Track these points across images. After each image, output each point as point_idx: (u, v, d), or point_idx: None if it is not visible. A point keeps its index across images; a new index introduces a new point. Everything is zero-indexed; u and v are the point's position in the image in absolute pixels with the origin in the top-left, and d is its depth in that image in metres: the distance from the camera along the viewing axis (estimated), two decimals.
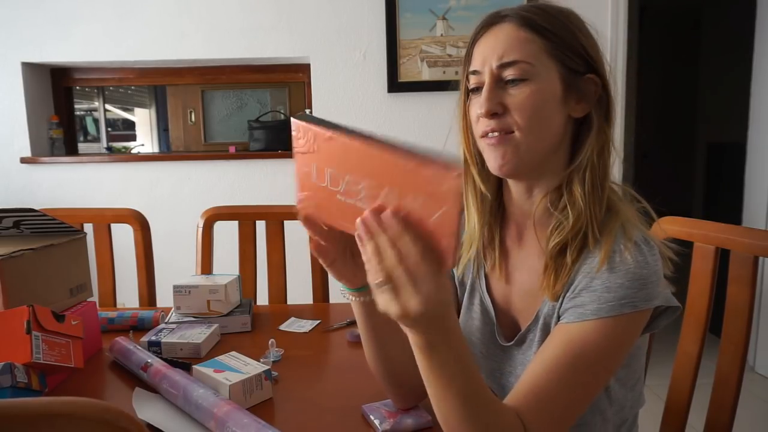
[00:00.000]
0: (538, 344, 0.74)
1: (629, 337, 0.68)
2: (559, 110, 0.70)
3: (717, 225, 0.98)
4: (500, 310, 0.81)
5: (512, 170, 0.72)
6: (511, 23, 0.70)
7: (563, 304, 0.70)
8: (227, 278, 1.18)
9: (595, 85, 0.71)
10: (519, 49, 0.69)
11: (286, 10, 2.52)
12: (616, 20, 2.46)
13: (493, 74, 0.70)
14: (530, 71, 0.68)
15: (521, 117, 0.69)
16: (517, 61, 0.68)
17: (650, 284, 0.66)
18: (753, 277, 0.91)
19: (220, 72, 2.79)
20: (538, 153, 0.71)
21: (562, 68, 0.69)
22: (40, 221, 1.00)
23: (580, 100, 0.71)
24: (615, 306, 0.65)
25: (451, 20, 2.49)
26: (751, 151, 2.59)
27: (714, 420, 0.93)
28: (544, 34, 0.69)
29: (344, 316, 1.22)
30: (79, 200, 2.62)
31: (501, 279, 0.81)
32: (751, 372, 2.52)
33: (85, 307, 1.03)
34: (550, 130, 0.71)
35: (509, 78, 0.69)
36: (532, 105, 0.68)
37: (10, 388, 0.73)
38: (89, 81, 2.86)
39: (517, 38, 0.69)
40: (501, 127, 0.70)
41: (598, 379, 0.67)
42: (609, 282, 0.66)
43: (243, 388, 0.80)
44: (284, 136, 2.70)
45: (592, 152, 0.70)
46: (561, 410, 0.65)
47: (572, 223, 0.70)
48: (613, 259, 0.67)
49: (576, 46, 0.70)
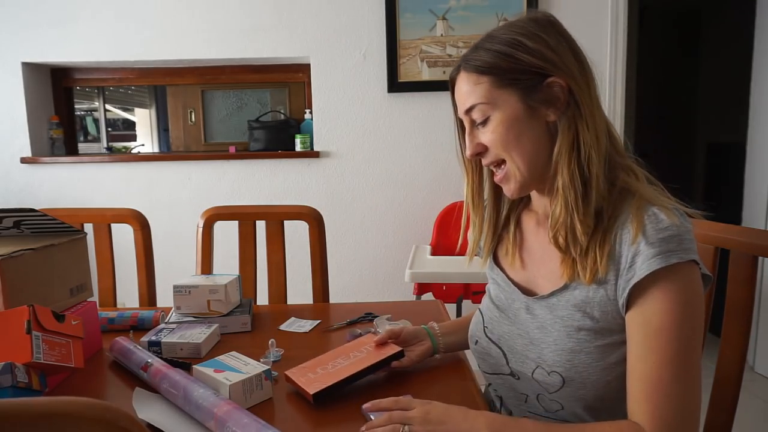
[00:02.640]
0: (571, 309, 0.75)
1: (694, 292, 0.69)
2: (532, 125, 0.75)
3: (717, 225, 0.98)
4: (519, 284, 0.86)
5: (521, 193, 0.81)
6: (464, 72, 0.79)
7: (618, 283, 0.71)
8: (227, 278, 1.18)
9: (559, 87, 0.74)
10: (473, 94, 0.77)
11: (286, 10, 2.52)
12: (616, 19, 2.46)
13: (466, 119, 0.80)
14: (488, 109, 0.76)
15: (501, 149, 0.77)
16: (475, 105, 0.77)
17: (687, 241, 0.68)
18: (752, 276, 0.91)
19: (220, 72, 2.79)
20: (535, 168, 0.77)
21: (517, 90, 0.75)
22: (40, 221, 1.00)
23: (549, 105, 0.75)
24: (662, 258, 0.67)
25: (451, 20, 2.49)
26: (751, 150, 2.59)
27: (713, 420, 0.93)
28: (488, 71, 0.75)
29: (344, 316, 1.22)
30: (79, 200, 2.62)
31: (516, 262, 0.88)
32: (750, 372, 2.52)
33: (86, 307, 1.03)
34: (531, 145, 0.76)
35: (476, 120, 0.78)
36: (501, 135, 0.76)
37: (10, 388, 0.73)
38: (89, 81, 2.86)
39: (468, 84, 0.78)
40: (492, 162, 0.80)
41: (692, 347, 0.68)
42: (651, 240, 0.68)
43: (243, 388, 0.80)
44: (284, 136, 2.70)
45: (560, 147, 0.74)
46: (676, 395, 0.66)
47: (558, 212, 0.75)
48: (647, 223, 0.69)
49: (521, 66, 0.74)
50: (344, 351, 0.93)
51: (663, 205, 0.71)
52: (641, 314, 0.69)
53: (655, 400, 0.67)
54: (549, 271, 0.81)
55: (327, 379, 0.84)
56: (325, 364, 0.89)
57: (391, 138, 2.59)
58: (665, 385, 0.67)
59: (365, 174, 2.60)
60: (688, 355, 0.68)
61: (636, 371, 0.69)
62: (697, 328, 0.68)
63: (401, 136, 2.58)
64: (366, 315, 1.22)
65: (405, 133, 2.58)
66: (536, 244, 0.85)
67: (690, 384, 0.68)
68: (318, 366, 0.89)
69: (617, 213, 0.74)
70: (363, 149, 2.60)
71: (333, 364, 0.89)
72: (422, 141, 2.58)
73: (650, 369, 0.67)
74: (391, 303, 1.36)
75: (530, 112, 0.75)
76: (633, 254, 0.69)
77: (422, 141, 2.58)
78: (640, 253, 0.69)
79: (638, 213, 0.71)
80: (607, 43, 2.46)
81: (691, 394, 0.67)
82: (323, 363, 0.90)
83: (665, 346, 0.67)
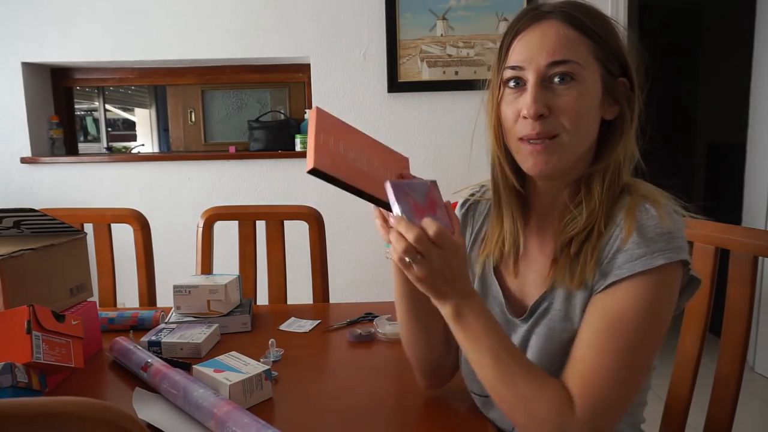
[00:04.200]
0: (555, 319, 0.73)
1: (668, 293, 0.67)
2: (598, 110, 0.71)
3: (717, 225, 0.98)
4: (511, 295, 0.81)
5: (551, 172, 0.71)
6: (559, 21, 0.68)
7: (596, 276, 0.70)
8: (227, 278, 1.18)
9: (626, 89, 0.72)
10: (570, 49, 0.67)
11: (286, 10, 2.52)
12: (616, 18, 2.46)
13: (539, 72, 0.68)
14: (580, 72, 0.68)
15: (569, 120, 0.68)
16: (569, 61, 0.67)
17: (679, 239, 0.66)
18: (753, 277, 0.91)
19: (220, 72, 2.79)
20: (577, 154, 0.72)
21: (603, 70, 0.70)
22: (40, 221, 1.00)
23: (613, 103, 0.72)
24: (648, 260, 0.65)
25: (451, 20, 2.49)
26: (751, 150, 2.59)
27: (714, 420, 0.93)
28: (590, 35, 0.68)
29: (344, 316, 1.22)
30: (79, 200, 2.62)
31: (512, 267, 0.81)
32: (750, 372, 2.52)
33: (85, 307, 1.03)
34: (590, 133, 0.72)
35: (559, 78, 0.68)
36: (580, 108, 0.68)
37: (10, 388, 0.73)
38: (89, 81, 2.86)
39: (567, 37, 0.68)
40: (546, 131, 0.68)
41: (645, 344, 0.67)
42: (639, 239, 0.67)
43: (243, 388, 0.80)
44: (284, 136, 2.70)
45: (619, 155, 0.72)
46: (609, 380, 0.65)
47: (585, 219, 0.71)
48: (640, 219, 0.68)
49: (615, 49, 0.70)
50: (378, 153, 0.69)
51: (657, 200, 0.70)
52: (604, 300, 0.68)
53: (589, 382, 0.65)
54: (537, 275, 0.78)
55: (337, 166, 0.62)
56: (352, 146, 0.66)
57: (391, 138, 2.59)
58: (604, 372, 0.65)
59: None
60: (637, 351, 0.66)
61: (582, 346, 0.67)
62: (656, 329, 0.67)
63: (401, 136, 2.58)
64: (366, 315, 1.22)
65: (405, 133, 2.58)
66: (535, 247, 0.81)
67: (629, 380, 0.66)
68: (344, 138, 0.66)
69: (615, 212, 0.72)
70: None
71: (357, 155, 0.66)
72: (422, 141, 2.58)
73: (595, 353, 0.66)
74: (391, 303, 1.35)
75: (602, 97, 0.71)
76: (618, 247, 0.68)
77: (422, 141, 2.58)
78: (626, 251, 0.67)
79: (631, 210, 0.69)
80: None
81: (625, 388, 0.66)
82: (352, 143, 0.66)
83: (617, 337, 0.65)
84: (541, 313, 0.75)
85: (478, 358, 0.68)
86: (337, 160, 0.63)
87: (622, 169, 0.73)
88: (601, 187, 0.71)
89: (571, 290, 0.72)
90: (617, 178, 0.72)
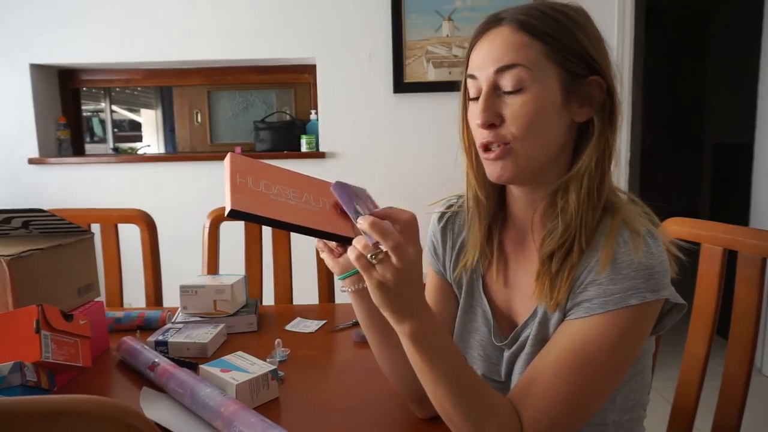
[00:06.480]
0: (533, 344, 0.73)
1: (637, 332, 0.66)
2: (560, 116, 0.68)
3: (724, 226, 0.98)
4: (499, 313, 0.80)
5: (510, 179, 0.71)
6: (508, 26, 0.67)
7: (569, 302, 0.69)
8: (233, 278, 1.19)
9: (599, 88, 0.69)
10: (517, 53, 0.66)
11: (291, 11, 2.53)
12: (623, 20, 2.45)
13: (489, 80, 0.68)
14: (528, 76, 0.66)
15: (518, 127, 0.67)
16: (515, 65, 0.66)
17: (657, 274, 0.64)
18: (761, 278, 0.90)
19: (227, 73, 2.80)
20: (538, 161, 0.69)
21: (563, 72, 0.67)
22: (48, 221, 1.01)
23: (583, 104, 0.69)
24: (621, 298, 0.64)
25: (457, 21, 2.49)
26: (758, 151, 2.57)
27: (721, 422, 0.92)
28: (542, 37, 0.66)
29: (350, 316, 1.23)
30: (86, 200, 2.64)
31: (499, 282, 0.80)
32: (758, 374, 2.50)
33: (93, 307, 1.04)
34: (549, 138, 0.69)
35: (506, 86, 0.67)
36: (530, 113, 0.66)
37: (20, 387, 0.74)
38: (96, 82, 2.88)
39: (514, 42, 0.66)
40: (498, 139, 0.68)
41: (604, 378, 0.66)
42: (614, 274, 0.65)
43: (249, 388, 0.81)
44: (290, 137, 2.71)
45: (590, 159, 0.68)
46: (561, 408, 0.64)
47: (561, 232, 0.69)
48: (617, 251, 0.65)
49: (577, 48, 0.67)
50: (304, 185, 0.67)
51: (636, 229, 0.66)
52: (571, 328, 0.67)
53: (541, 406, 0.64)
54: (526, 284, 0.76)
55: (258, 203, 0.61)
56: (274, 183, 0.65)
57: (396, 139, 2.59)
58: (558, 399, 0.64)
59: (371, 174, 2.60)
60: (594, 385, 0.65)
61: (541, 366, 0.66)
62: (619, 364, 0.66)
63: (407, 137, 2.58)
64: None
65: (411, 134, 2.58)
66: (517, 261, 0.79)
67: (581, 410, 0.66)
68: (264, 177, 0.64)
69: (596, 233, 0.69)
70: (369, 150, 2.60)
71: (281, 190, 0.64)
72: (428, 142, 2.58)
73: (552, 378, 0.65)
74: None
75: (564, 101, 0.68)
76: (593, 278, 0.66)
77: (428, 142, 2.58)
78: (600, 283, 0.65)
79: (610, 238, 0.66)
80: (614, 43, 2.45)
81: (575, 418, 0.65)
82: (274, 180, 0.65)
83: (577, 368, 0.64)
84: (524, 340, 0.75)
85: (432, 378, 0.62)
86: (258, 198, 0.61)
87: (605, 175, 0.69)
88: (577, 196, 0.68)
89: (547, 313, 0.72)
90: (599, 185, 0.69)
